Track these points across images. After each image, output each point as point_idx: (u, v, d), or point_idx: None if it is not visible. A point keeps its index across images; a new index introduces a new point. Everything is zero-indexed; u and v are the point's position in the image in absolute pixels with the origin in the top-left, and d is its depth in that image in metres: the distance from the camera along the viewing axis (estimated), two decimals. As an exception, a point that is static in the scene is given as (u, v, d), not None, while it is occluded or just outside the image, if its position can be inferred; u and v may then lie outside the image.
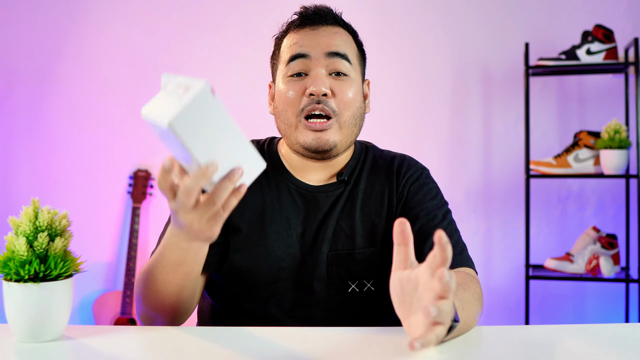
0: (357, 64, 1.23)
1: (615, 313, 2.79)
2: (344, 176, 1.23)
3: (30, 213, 0.93)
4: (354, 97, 1.19)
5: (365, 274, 1.18)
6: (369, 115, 1.26)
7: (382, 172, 1.25)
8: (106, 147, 3.05)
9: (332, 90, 1.17)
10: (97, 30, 3.05)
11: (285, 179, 1.23)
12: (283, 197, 1.21)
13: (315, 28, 1.21)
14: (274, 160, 1.25)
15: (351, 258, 1.17)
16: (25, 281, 0.90)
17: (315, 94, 1.15)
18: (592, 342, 0.94)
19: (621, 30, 2.71)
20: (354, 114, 1.19)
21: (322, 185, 1.23)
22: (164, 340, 0.96)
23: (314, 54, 1.18)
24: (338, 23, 1.23)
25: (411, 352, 0.90)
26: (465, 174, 2.88)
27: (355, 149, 1.28)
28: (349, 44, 1.22)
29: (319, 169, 1.23)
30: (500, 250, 2.87)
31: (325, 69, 1.18)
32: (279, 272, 1.17)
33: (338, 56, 1.18)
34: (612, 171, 2.51)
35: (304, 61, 1.18)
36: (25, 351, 0.90)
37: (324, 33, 1.20)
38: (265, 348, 0.92)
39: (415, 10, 2.91)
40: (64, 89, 3.06)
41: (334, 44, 1.19)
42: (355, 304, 1.18)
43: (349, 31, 1.25)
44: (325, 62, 1.18)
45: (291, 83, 1.19)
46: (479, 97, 2.88)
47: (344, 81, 1.18)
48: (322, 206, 1.21)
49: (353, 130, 1.20)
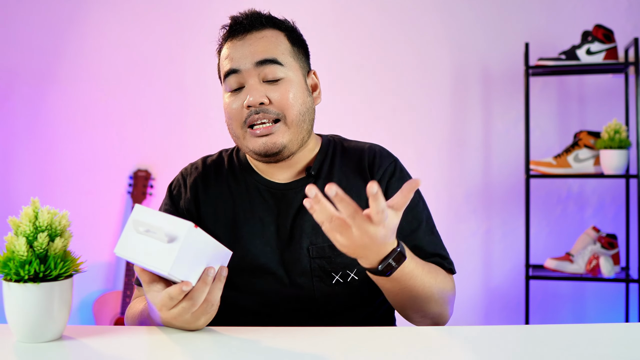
0: (292, 60, 1.22)
1: (615, 313, 2.79)
2: (312, 170, 1.24)
3: (30, 213, 0.93)
4: (295, 96, 1.19)
5: (348, 264, 1.19)
6: (369, 115, 1.27)
7: (353, 164, 1.26)
8: (106, 147, 3.05)
9: (269, 98, 1.18)
10: (97, 30, 3.05)
11: (254, 179, 1.26)
12: (253, 197, 1.24)
13: (241, 38, 1.21)
14: (243, 164, 1.29)
15: (333, 250, 1.18)
16: (25, 281, 0.90)
17: (252, 105, 1.17)
18: (592, 342, 0.94)
19: (621, 30, 2.71)
20: (299, 111, 1.20)
21: (291, 182, 1.25)
22: (163, 340, 0.96)
23: (244, 66, 1.19)
24: (264, 25, 1.22)
25: (411, 351, 0.90)
26: (465, 174, 2.88)
27: (322, 142, 1.29)
28: (277, 44, 1.21)
29: (283, 167, 1.25)
30: (500, 250, 2.87)
31: (257, 78, 1.19)
32: (259, 270, 1.20)
33: (267, 62, 1.18)
34: (612, 171, 2.51)
35: (237, 76, 1.19)
36: (25, 351, 0.90)
37: (250, 41, 1.20)
38: (265, 348, 0.92)
39: (415, 10, 2.91)
40: (64, 89, 3.06)
41: (259, 50, 1.19)
42: (341, 293, 1.20)
43: (278, 27, 1.23)
44: (256, 71, 1.18)
45: (231, 98, 1.21)
46: (479, 97, 2.88)
47: (279, 85, 1.19)
48: (293, 202, 1.22)
49: (302, 127, 1.21)
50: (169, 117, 3.03)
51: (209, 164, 1.31)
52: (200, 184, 1.27)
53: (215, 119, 2.99)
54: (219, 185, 1.27)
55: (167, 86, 3.03)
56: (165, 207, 1.28)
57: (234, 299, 1.19)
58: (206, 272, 0.94)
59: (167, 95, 3.03)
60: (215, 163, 1.31)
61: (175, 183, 1.30)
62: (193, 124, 3.01)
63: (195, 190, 1.27)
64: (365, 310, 1.23)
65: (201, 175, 1.28)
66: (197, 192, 1.27)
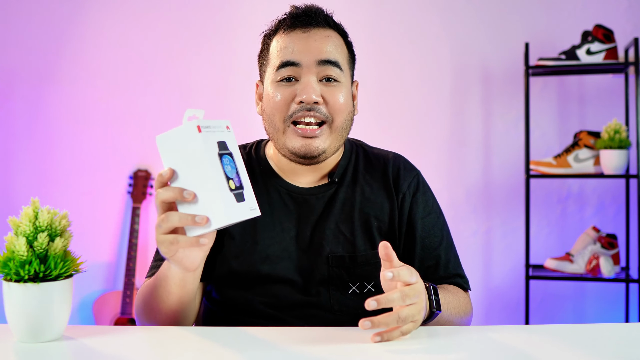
0: (347, 68, 1.21)
1: (615, 313, 2.79)
2: (335, 177, 1.22)
3: (30, 213, 0.93)
4: (345, 102, 1.18)
5: (366, 276, 1.18)
6: (369, 115, 1.27)
7: (378, 175, 1.24)
8: (106, 147, 3.04)
9: (323, 97, 1.15)
10: (96, 30, 3.05)
11: (275, 182, 1.23)
12: (274, 201, 1.21)
13: (306, 31, 1.17)
14: (262, 165, 1.25)
15: (353, 261, 1.18)
16: (25, 281, 0.90)
17: (306, 102, 1.14)
18: (592, 342, 0.94)
19: (621, 30, 2.71)
20: (345, 119, 1.18)
21: (313, 187, 1.22)
22: (163, 341, 0.96)
23: (305, 62, 1.15)
24: (329, 25, 1.20)
25: (411, 351, 0.90)
26: (465, 174, 2.88)
27: (345, 148, 1.27)
28: (339, 49, 1.19)
29: (308, 171, 1.22)
30: (500, 250, 2.87)
31: (316, 76, 1.16)
32: (276, 275, 1.17)
33: (329, 64, 1.16)
34: (612, 171, 2.51)
35: (294, 68, 1.16)
36: (25, 351, 0.90)
37: (315, 37, 1.17)
38: (265, 348, 0.92)
39: (416, 10, 2.91)
40: (64, 89, 3.06)
41: (325, 50, 1.16)
42: (357, 304, 1.18)
43: (340, 33, 1.22)
44: (316, 69, 1.16)
45: (280, 88, 1.17)
46: (479, 97, 2.88)
47: (335, 87, 1.17)
48: (315, 208, 1.20)
49: (343, 134, 1.20)
50: (169, 117, 3.03)
51: None
52: None
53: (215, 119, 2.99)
54: None
55: (167, 86, 3.03)
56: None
57: (248, 301, 1.18)
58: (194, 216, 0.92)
59: (167, 95, 3.03)
60: None
61: None
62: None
63: None
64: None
65: None
66: None
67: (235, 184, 0.93)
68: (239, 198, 0.93)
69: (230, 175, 0.93)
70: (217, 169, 0.91)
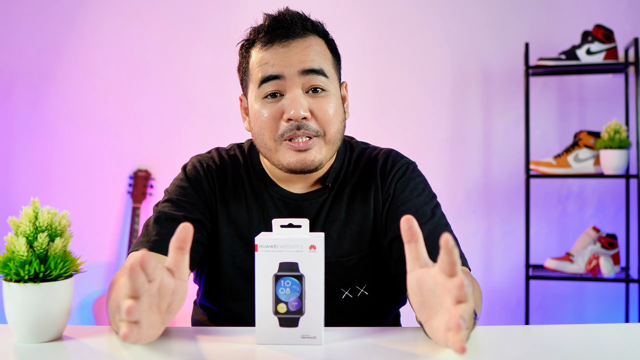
0: (333, 72, 1.16)
1: (615, 313, 2.79)
2: (328, 182, 1.19)
3: (30, 213, 0.93)
4: (335, 112, 1.13)
5: (357, 279, 1.16)
6: (370, 115, 1.26)
7: (366, 173, 1.21)
8: (106, 147, 3.05)
9: (311, 111, 1.10)
10: (96, 30, 3.05)
11: (269, 189, 1.20)
12: (267, 207, 1.19)
13: (285, 44, 1.11)
14: (257, 170, 1.21)
15: (340, 266, 1.16)
16: (25, 281, 0.90)
17: (294, 118, 1.08)
18: (592, 342, 0.94)
19: (621, 30, 2.71)
20: (337, 129, 1.14)
21: (307, 193, 1.19)
22: (163, 341, 0.96)
23: (288, 74, 1.10)
24: (308, 30, 1.13)
25: (411, 351, 0.90)
26: (465, 174, 2.88)
27: (338, 150, 1.22)
28: (322, 55, 1.13)
29: (302, 177, 1.19)
30: (500, 250, 2.87)
31: (300, 88, 1.10)
32: None
33: (314, 72, 1.10)
34: (612, 171, 2.51)
35: (278, 82, 1.10)
36: (25, 351, 0.90)
37: (296, 50, 1.11)
38: (265, 347, 0.92)
39: (415, 10, 2.91)
40: (64, 89, 3.06)
41: (307, 59, 1.10)
42: (351, 309, 1.17)
43: (321, 35, 1.15)
44: (300, 80, 1.10)
45: (266, 105, 1.11)
46: (479, 97, 2.88)
47: (322, 97, 1.12)
48: (308, 214, 1.18)
49: (337, 144, 1.15)
50: (169, 117, 3.03)
51: (226, 159, 1.22)
52: (216, 180, 1.20)
53: (215, 119, 2.99)
54: (235, 186, 1.20)
55: (167, 86, 3.03)
56: (180, 184, 1.20)
57: (241, 309, 1.17)
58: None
59: (167, 95, 3.03)
60: (232, 161, 1.22)
61: (191, 167, 1.21)
62: (193, 124, 3.01)
63: (212, 182, 1.19)
64: (380, 324, 1.21)
65: (220, 170, 1.21)
66: (214, 186, 1.19)
67: (288, 307, 0.92)
68: (288, 323, 0.92)
69: (283, 298, 0.91)
70: (265, 288, 0.92)
